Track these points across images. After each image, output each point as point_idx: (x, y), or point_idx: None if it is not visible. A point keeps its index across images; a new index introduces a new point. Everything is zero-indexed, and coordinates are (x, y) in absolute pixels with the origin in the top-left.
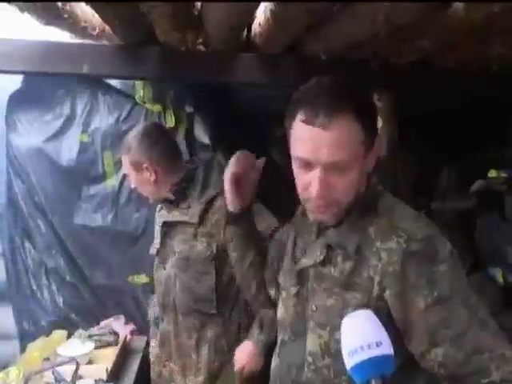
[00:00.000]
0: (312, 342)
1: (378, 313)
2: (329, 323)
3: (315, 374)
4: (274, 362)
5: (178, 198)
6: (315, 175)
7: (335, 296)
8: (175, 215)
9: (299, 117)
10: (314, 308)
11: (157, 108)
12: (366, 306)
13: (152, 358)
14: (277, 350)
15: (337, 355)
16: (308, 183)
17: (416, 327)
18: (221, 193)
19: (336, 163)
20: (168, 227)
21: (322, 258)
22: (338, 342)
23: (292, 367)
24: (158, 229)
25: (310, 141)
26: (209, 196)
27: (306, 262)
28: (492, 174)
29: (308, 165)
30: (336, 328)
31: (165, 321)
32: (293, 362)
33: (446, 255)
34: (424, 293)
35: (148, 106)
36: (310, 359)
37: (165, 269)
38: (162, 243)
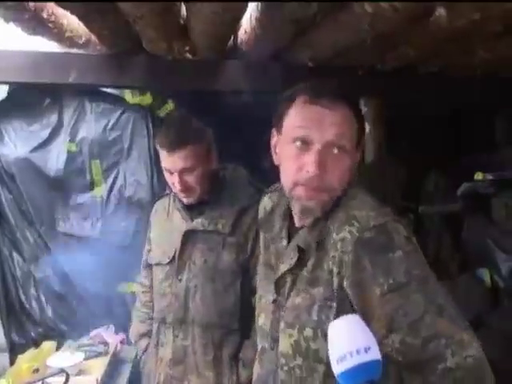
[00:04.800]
0: (284, 343)
1: (342, 303)
2: (297, 321)
3: (288, 374)
4: (256, 370)
5: (204, 202)
6: (313, 154)
7: (303, 294)
8: (201, 223)
9: (301, 99)
10: (285, 308)
11: (147, 99)
12: (329, 298)
13: (159, 379)
14: (258, 358)
15: (307, 353)
16: (303, 165)
17: (373, 314)
18: (252, 204)
19: (336, 143)
20: (188, 235)
21: (294, 261)
22: (308, 339)
23: (270, 373)
24: (160, 236)
25: (314, 119)
26: (242, 206)
27: (282, 267)
28: (478, 176)
29: (306, 146)
30: (304, 325)
31: (180, 336)
32: (271, 368)
33: (402, 241)
34: (379, 281)
35: (139, 99)
36: (283, 360)
37: (180, 280)
38: (180, 252)
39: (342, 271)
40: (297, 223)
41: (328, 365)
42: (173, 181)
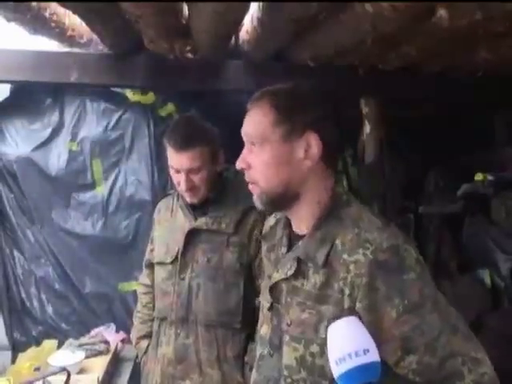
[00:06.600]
0: (288, 356)
1: None
2: (303, 337)
3: None
4: (253, 377)
5: (208, 202)
6: None
7: (309, 310)
8: (204, 222)
9: None
10: (289, 322)
11: (150, 97)
12: (338, 317)
13: (157, 378)
14: (255, 364)
15: (312, 368)
16: None
17: (389, 336)
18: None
19: (248, 139)
20: (192, 234)
21: (292, 271)
22: (313, 355)
23: (269, 381)
24: (163, 235)
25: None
26: (246, 206)
27: (277, 276)
28: (479, 177)
29: None
30: (311, 341)
31: (182, 335)
32: (270, 375)
33: (413, 263)
34: (395, 302)
35: (140, 97)
36: (286, 372)
37: (183, 279)
38: (184, 251)
39: (354, 293)
40: (295, 230)
41: (332, 381)
42: (178, 180)
